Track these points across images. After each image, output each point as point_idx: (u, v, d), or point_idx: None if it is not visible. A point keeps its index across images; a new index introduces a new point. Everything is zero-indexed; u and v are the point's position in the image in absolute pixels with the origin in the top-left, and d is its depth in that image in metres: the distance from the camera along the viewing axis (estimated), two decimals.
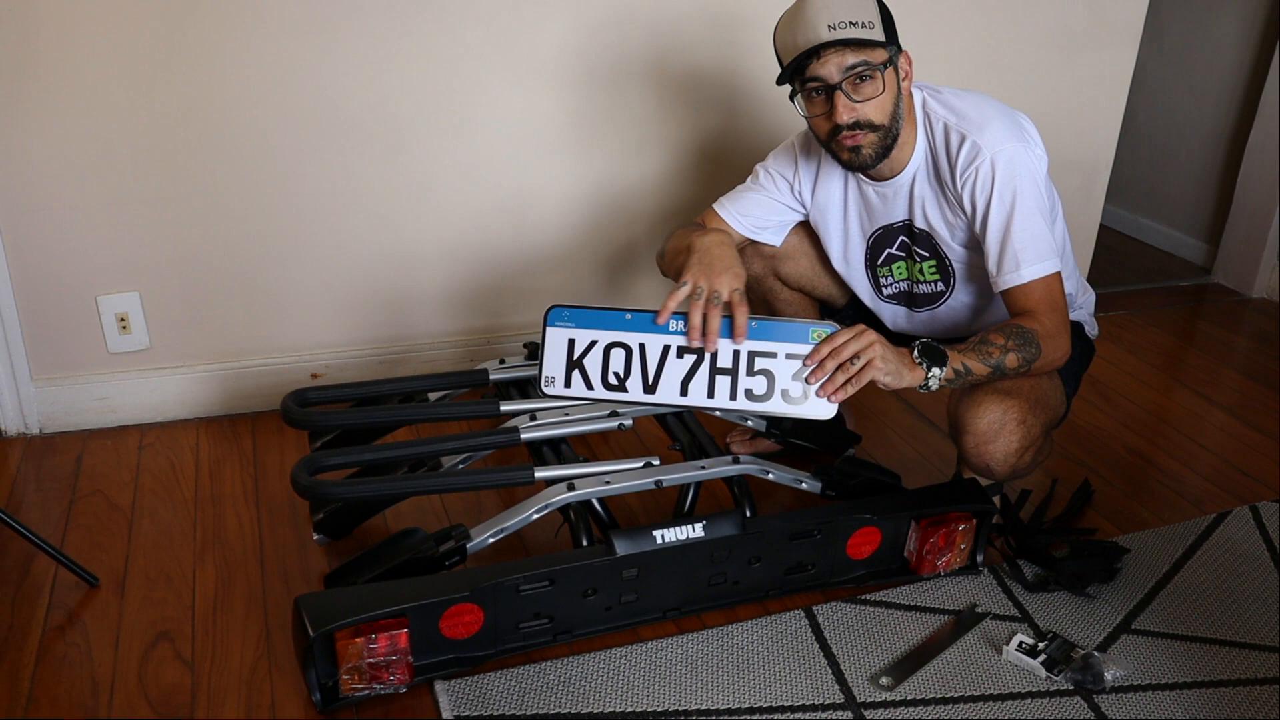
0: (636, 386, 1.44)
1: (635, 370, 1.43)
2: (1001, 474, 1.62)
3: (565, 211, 2.24)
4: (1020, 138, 1.54)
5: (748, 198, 1.75)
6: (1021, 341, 1.49)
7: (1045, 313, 1.52)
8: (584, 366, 1.43)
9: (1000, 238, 1.52)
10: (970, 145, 1.53)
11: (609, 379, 1.44)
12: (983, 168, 1.52)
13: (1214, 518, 1.90)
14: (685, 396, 1.44)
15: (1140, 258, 3.31)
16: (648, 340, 1.42)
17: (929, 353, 1.46)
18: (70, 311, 2.00)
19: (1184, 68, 3.24)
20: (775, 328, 1.44)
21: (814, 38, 1.45)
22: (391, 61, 2.00)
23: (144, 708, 1.40)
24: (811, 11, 1.46)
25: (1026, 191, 1.52)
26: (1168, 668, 1.53)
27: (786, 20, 1.51)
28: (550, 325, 1.40)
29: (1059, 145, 2.52)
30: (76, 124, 1.87)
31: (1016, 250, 1.51)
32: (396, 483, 1.65)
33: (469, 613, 1.41)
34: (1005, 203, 1.52)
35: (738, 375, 1.44)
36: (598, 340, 1.42)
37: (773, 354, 1.44)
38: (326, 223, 2.08)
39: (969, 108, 1.58)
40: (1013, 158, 1.52)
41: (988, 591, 1.67)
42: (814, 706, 1.43)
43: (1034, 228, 1.52)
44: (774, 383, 1.45)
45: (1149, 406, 2.34)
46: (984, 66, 2.39)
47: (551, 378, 1.41)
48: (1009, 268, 1.52)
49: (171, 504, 1.85)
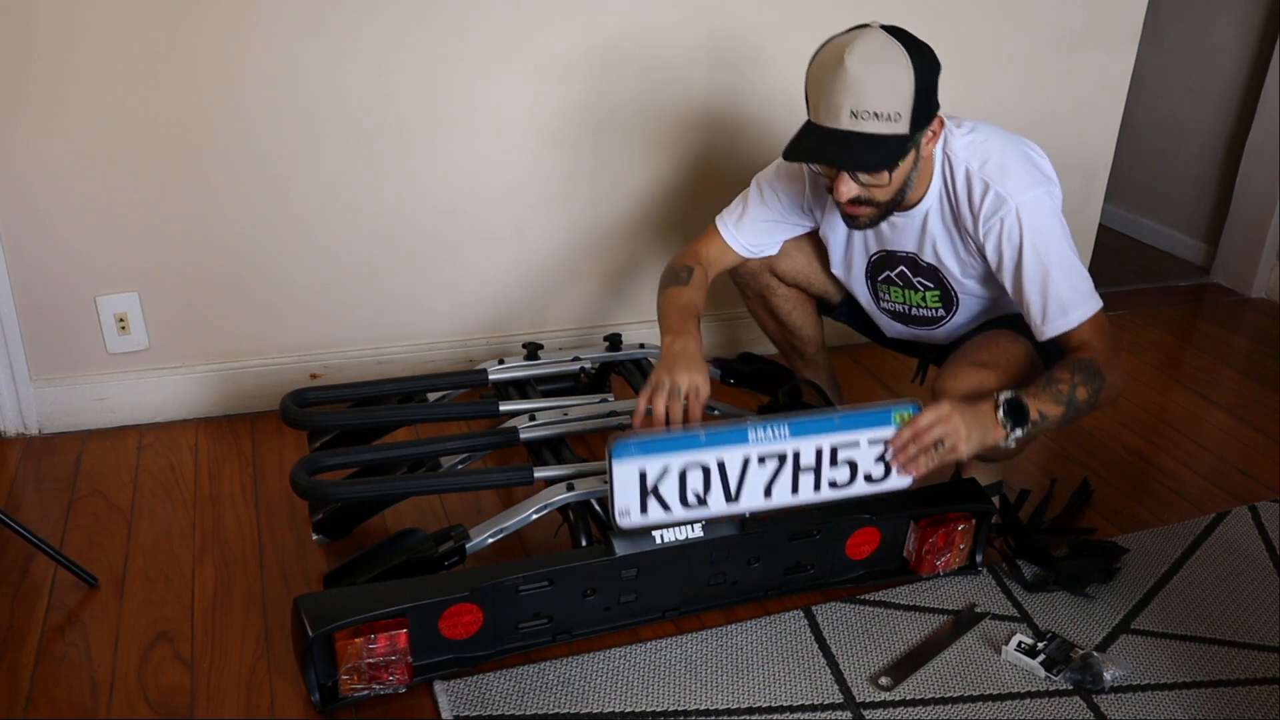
0: (718, 500, 1.40)
1: (716, 486, 1.39)
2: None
3: (565, 211, 2.24)
4: (1039, 181, 1.53)
5: (754, 221, 1.72)
6: (1087, 375, 1.49)
7: (1100, 342, 1.52)
8: (660, 493, 1.37)
9: (1041, 289, 1.51)
10: (994, 197, 1.50)
11: (688, 499, 1.39)
12: (1008, 219, 1.50)
13: (1213, 518, 1.90)
14: (770, 498, 1.41)
15: (1139, 257, 3.31)
16: (727, 456, 1.37)
17: (1014, 413, 1.46)
18: (69, 312, 2.00)
19: (1183, 68, 3.24)
20: (860, 418, 1.41)
21: (832, 121, 1.40)
22: (390, 62, 1.99)
23: (143, 708, 1.40)
24: (840, 85, 1.38)
25: (1056, 237, 1.51)
26: (1167, 668, 1.52)
27: (818, 71, 1.43)
28: (616, 459, 1.31)
29: (1058, 145, 2.51)
30: (75, 125, 1.87)
31: (1061, 299, 1.51)
32: (396, 483, 1.64)
33: (468, 613, 1.41)
34: (1038, 254, 1.50)
35: (821, 469, 1.42)
36: (670, 465, 1.35)
37: (855, 443, 1.42)
38: (325, 223, 2.08)
39: (990, 150, 1.53)
40: (1036, 207, 1.50)
41: (987, 591, 1.67)
42: (813, 706, 1.43)
43: (1071, 274, 1.52)
44: (858, 470, 1.44)
45: (1148, 406, 2.34)
46: (983, 66, 2.39)
47: (626, 510, 1.35)
48: (1055, 315, 1.52)
49: (171, 504, 1.85)
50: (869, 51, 1.38)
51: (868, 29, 1.42)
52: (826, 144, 1.43)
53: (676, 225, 2.32)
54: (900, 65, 1.40)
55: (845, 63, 1.37)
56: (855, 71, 1.37)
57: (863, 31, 1.42)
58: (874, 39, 1.40)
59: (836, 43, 1.43)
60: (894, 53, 1.40)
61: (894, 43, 1.40)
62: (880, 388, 2.35)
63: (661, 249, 2.34)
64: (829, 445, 1.41)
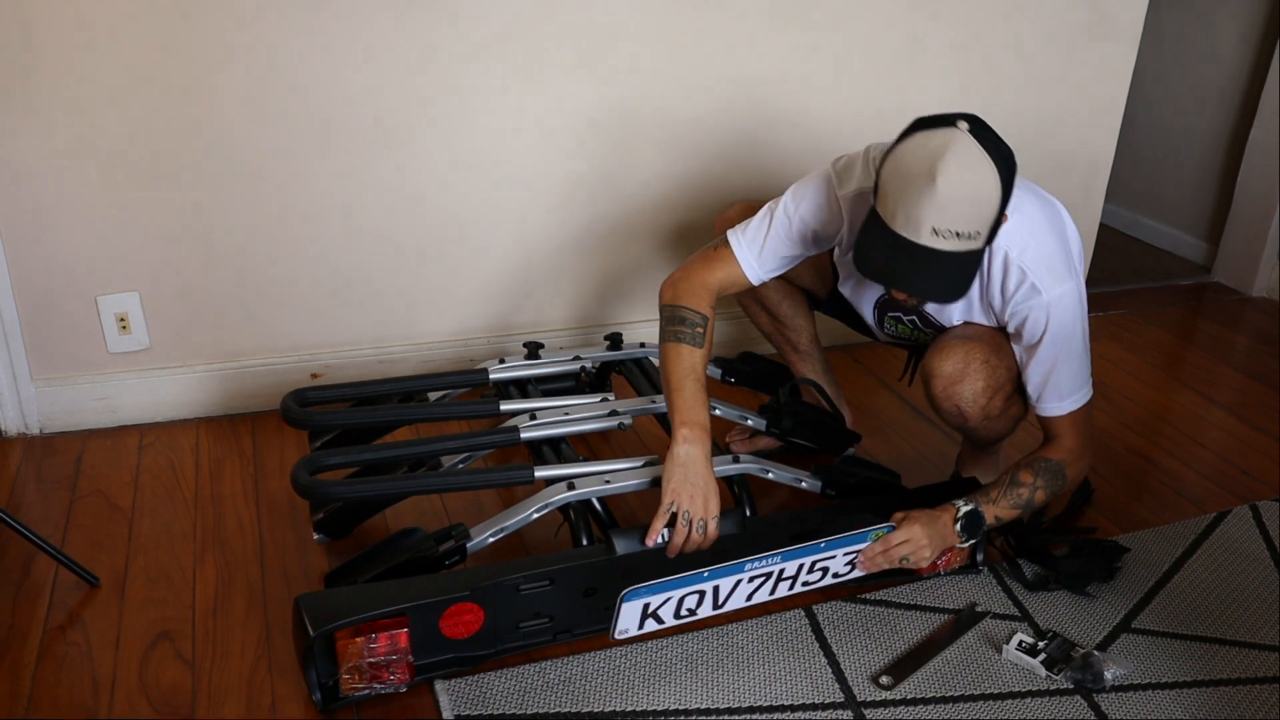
0: (707, 610, 1.52)
1: (708, 602, 1.50)
2: (975, 418, 1.64)
3: (566, 210, 2.23)
4: (1071, 269, 1.54)
5: (776, 254, 1.61)
6: (1050, 479, 1.60)
7: (1075, 436, 1.62)
8: (658, 615, 1.48)
9: (1046, 373, 1.57)
10: (1029, 288, 1.51)
11: (681, 613, 1.50)
12: (1036, 311, 1.53)
13: (1214, 517, 1.90)
14: (750, 601, 1.54)
15: (1140, 257, 3.31)
16: (723, 582, 1.49)
17: (969, 527, 1.58)
18: (70, 312, 2.00)
19: (1184, 66, 3.23)
20: (843, 541, 1.53)
21: (910, 233, 1.35)
22: (391, 61, 1.99)
23: (144, 707, 1.40)
24: (927, 201, 1.33)
25: (1076, 332, 1.56)
26: (1168, 667, 1.52)
27: (904, 175, 1.36)
28: (627, 601, 1.43)
29: (1059, 144, 2.52)
30: (76, 125, 1.87)
31: (1060, 387, 1.58)
32: (396, 482, 1.64)
33: (469, 612, 1.41)
34: (1055, 345, 1.55)
35: (799, 577, 1.54)
36: (672, 596, 1.46)
37: (833, 556, 1.55)
38: (327, 222, 2.08)
39: (1031, 236, 1.51)
40: (1066, 303, 1.53)
41: (988, 590, 1.67)
42: (814, 705, 1.43)
43: (1078, 366, 1.58)
44: (828, 571, 1.56)
45: (1149, 405, 2.34)
46: (983, 64, 2.38)
47: (625, 630, 1.47)
48: (1050, 399, 1.60)
49: (172, 504, 1.85)
50: (961, 167, 1.33)
51: (959, 135, 1.35)
52: (905, 264, 1.37)
53: (678, 225, 2.32)
54: (989, 183, 1.35)
55: (938, 181, 1.32)
56: (946, 192, 1.33)
57: (955, 139, 1.34)
58: (967, 151, 1.34)
59: (929, 149, 1.35)
60: (984, 169, 1.35)
61: (984, 156, 1.35)
62: (881, 387, 2.35)
63: (663, 248, 2.34)
64: (810, 561, 1.53)
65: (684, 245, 2.32)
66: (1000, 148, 1.38)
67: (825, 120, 2.31)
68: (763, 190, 2.11)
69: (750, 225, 1.61)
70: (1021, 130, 2.45)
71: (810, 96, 2.28)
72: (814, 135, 2.31)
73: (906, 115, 2.31)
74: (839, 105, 2.31)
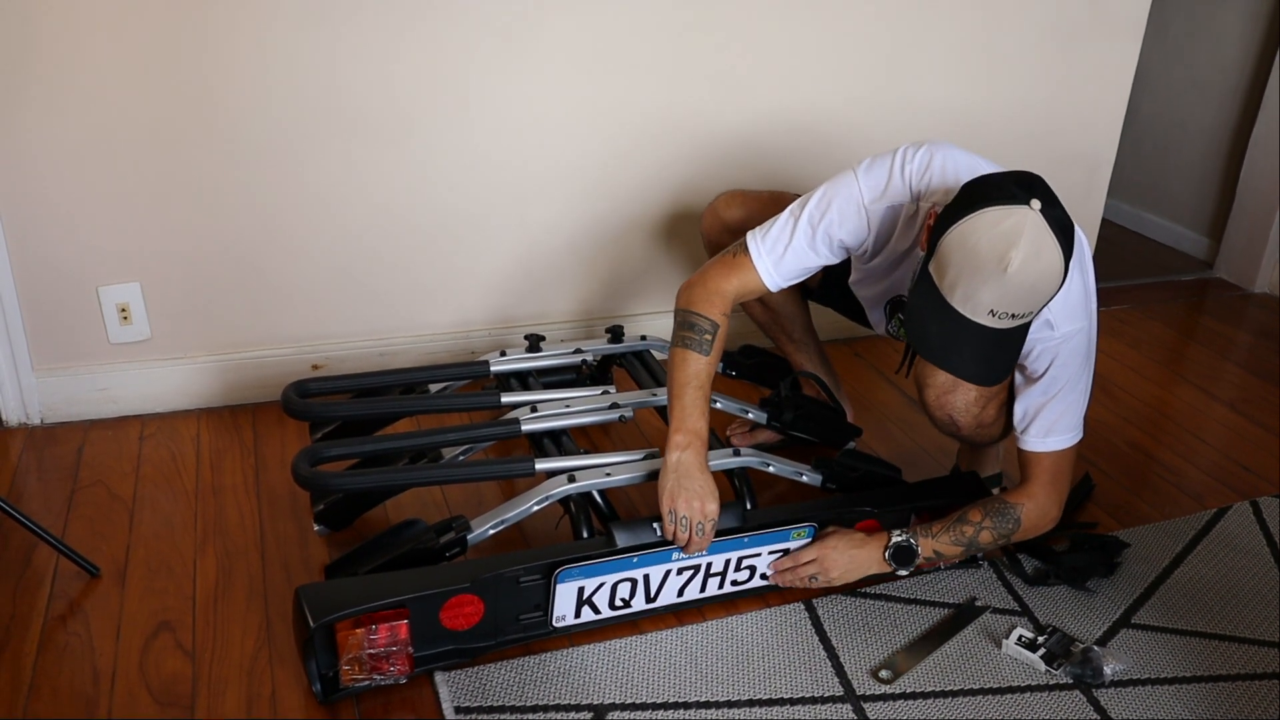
0: (640, 602, 1.55)
1: (640, 593, 1.54)
2: (968, 427, 1.62)
3: (568, 202, 2.23)
4: (1088, 311, 1.50)
5: (797, 265, 1.56)
6: (999, 521, 1.58)
7: (1046, 484, 1.58)
8: (593, 602, 1.51)
9: (1039, 405, 1.54)
10: (1043, 321, 1.47)
11: (615, 603, 1.53)
12: (1048, 344, 1.49)
13: (1214, 513, 1.89)
14: (681, 597, 1.58)
15: (1142, 252, 3.30)
16: (652, 571, 1.52)
17: (899, 557, 1.58)
18: (71, 302, 2.00)
19: (1187, 61, 3.22)
20: (764, 538, 1.57)
21: (968, 310, 1.33)
22: (394, 52, 1.98)
23: (145, 697, 1.40)
24: (994, 287, 1.30)
25: (1080, 371, 1.53)
26: (1167, 662, 1.53)
27: (973, 254, 1.30)
28: (561, 582, 1.46)
29: (1061, 139, 2.52)
30: (77, 114, 1.86)
31: (1050, 422, 1.54)
32: (397, 474, 1.64)
33: (469, 604, 1.41)
34: (1056, 381, 1.52)
35: (726, 574, 1.58)
36: (605, 582, 1.50)
37: (758, 554, 1.58)
38: (328, 213, 2.07)
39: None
40: (1076, 343, 1.50)
41: (987, 585, 1.67)
42: (813, 699, 1.43)
43: (1073, 406, 1.54)
44: (755, 571, 1.60)
45: (1150, 401, 2.34)
46: (984, 58, 2.37)
47: (562, 616, 1.50)
48: (1035, 433, 1.56)
49: (172, 494, 1.85)
50: (1031, 256, 1.29)
51: (1032, 219, 1.30)
52: (954, 340, 1.36)
53: (681, 219, 2.31)
54: (1055, 269, 1.32)
55: (1009, 271, 1.29)
56: (1015, 282, 1.30)
57: (1029, 224, 1.29)
58: (1039, 239, 1.30)
59: (1002, 233, 1.30)
60: (1052, 255, 1.31)
61: (1053, 241, 1.31)
62: (881, 381, 2.35)
63: (665, 243, 2.33)
64: (736, 556, 1.57)
65: (687, 240, 2.32)
66: (1064, 223, 1.34)
67: (828, 117, 2.30)
68: (764, 187, 2.10)
69: (770, 232, 1.56)
70: (1024, 126, 2.46)
71: (812, 94, 2.27)
72: (817, 133, 2.30)
73: (910, 112, 2.38)
74: (842, 102, 2.30)
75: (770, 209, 1.64)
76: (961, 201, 1.35)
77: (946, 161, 1.48)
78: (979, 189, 1.35)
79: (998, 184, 1.34)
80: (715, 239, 1.87)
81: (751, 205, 1.83)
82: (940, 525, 1.58)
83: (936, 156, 1.48)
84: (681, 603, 1.58)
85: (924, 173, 1.48)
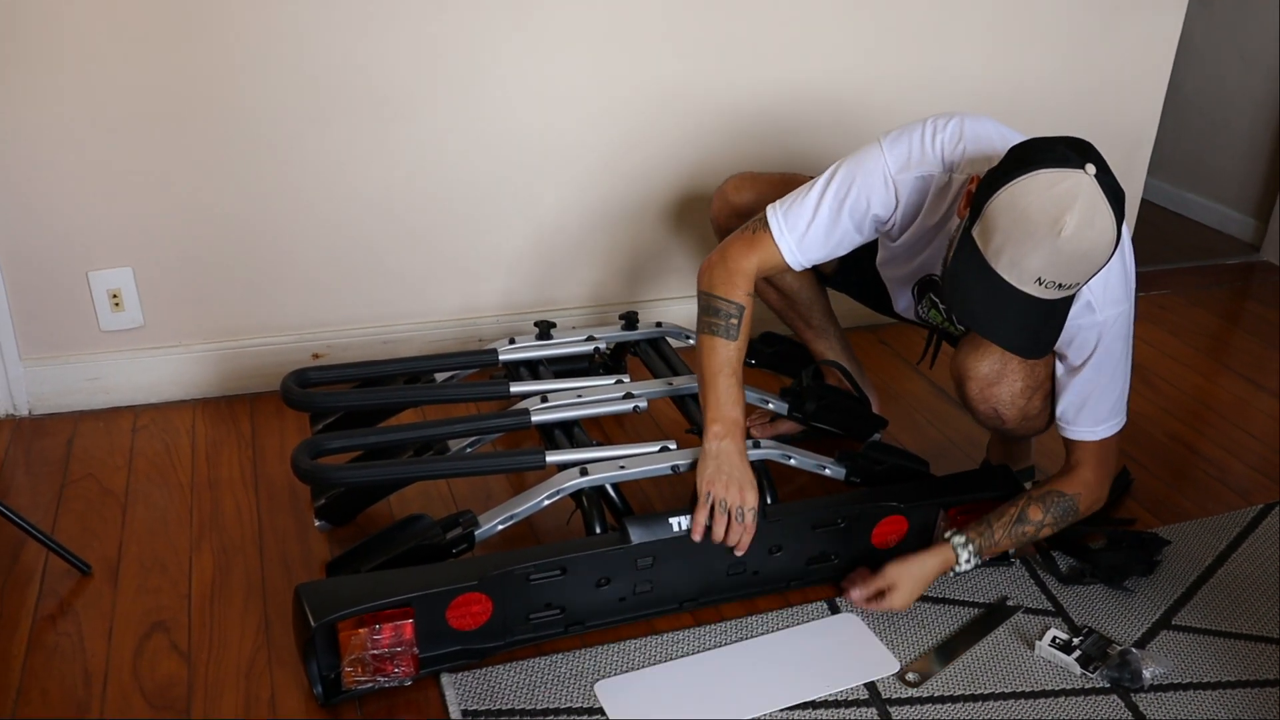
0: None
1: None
2: (1012, 420, 1.60)
3: (579, 184, 2.20)
4: (1128, 295, 1.47)
5: (820, 244, 1.51)
6: (1061, 513, 1.56)
7: (1096, 467, 1.57)
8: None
9: (1084, 394, 1.52)
10: (1084, 305, 1.43)
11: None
12: (1088, 330, 1.46)
13: (1260, 509, 1.87)
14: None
15: (1184, 234, 3.25)
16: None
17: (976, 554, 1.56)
18: (60, 288, 1.97)
19: (1234, 32, 3.15)
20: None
21: (1014, 279, 1.29)
22: (394, 34, 1.95)
23: (138, 700, 1.39)
24: (1045, 253, 1.26)
25: (1121, 354, 1.51)
26: (1209, 666, 1.51)
27: (1022, 216, 1.26)
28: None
29: (1099, 116, 2.48)
30: (67, 93, 1.83)
31: (1098, 410, 1.54)
32: (402, 467, 1.64)
33: (477, 603, 1.40)
34: (1100, 367, 1.50)
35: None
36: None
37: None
38: (328, 195, 2.05)
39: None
40: (1118, 326, 1.47)
41: (1020, 584, 1.65)
42: (838, 703, 1.41)
43: (1117, 392, 1.54)
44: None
45: (1192, 391, 2.31)
46: (1019, 32, 2.33)
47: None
48: (1084, 423, 1.55)
49: (166, 488, 1.83)
50: (1086, 223, 1.25)
51: (1087, 183, 1.25)
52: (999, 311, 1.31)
53: (698, 199, 2.28)
54: (1108, 237, 1.27)
55: (1062, 235, 1.24)
56: (1068, 248, 1.26)
57: (1084, 189, 1.25)
58: (1094, 204, 1.26)
59: (1055, 197, 1.25)
60: (1105, 222, 1.27)
61: (1108, 208, 1.27)
62: (908, 370, 2.32)
63: (683, 224, 2.30)
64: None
65: (704, 221, 2.27)
66: (1118, 191, 1.30)
67: (855, 94, 2.26)
68: (784, 167, 2.05)
69: (792, 206, 1.51)
70: (1059, 101, 2.43)
71: (839, 70, 2.24)
72: (843, 110, 2.27)
73: (941, 87, 2.32)
74: (869, 78, 2.26)
75: (782, 192, 1.59)
76: (1011, 163, 1.31)
77: (980, 132, 1.45)
78: (1030, 151, 1.31)
79: (1049, 147, 1.30)
80: (725, 224, 1.84)
81: (762, 188, 1.80)
82: (999, 525, 1.54)
83: (969, 127, 1.45)
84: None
85: (957, 143, 1.45)
